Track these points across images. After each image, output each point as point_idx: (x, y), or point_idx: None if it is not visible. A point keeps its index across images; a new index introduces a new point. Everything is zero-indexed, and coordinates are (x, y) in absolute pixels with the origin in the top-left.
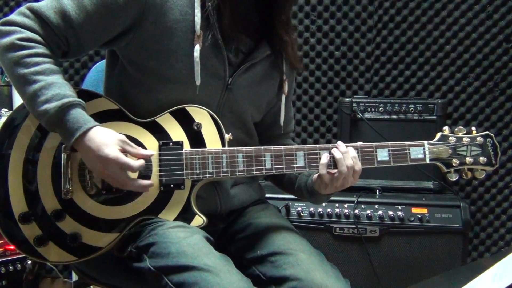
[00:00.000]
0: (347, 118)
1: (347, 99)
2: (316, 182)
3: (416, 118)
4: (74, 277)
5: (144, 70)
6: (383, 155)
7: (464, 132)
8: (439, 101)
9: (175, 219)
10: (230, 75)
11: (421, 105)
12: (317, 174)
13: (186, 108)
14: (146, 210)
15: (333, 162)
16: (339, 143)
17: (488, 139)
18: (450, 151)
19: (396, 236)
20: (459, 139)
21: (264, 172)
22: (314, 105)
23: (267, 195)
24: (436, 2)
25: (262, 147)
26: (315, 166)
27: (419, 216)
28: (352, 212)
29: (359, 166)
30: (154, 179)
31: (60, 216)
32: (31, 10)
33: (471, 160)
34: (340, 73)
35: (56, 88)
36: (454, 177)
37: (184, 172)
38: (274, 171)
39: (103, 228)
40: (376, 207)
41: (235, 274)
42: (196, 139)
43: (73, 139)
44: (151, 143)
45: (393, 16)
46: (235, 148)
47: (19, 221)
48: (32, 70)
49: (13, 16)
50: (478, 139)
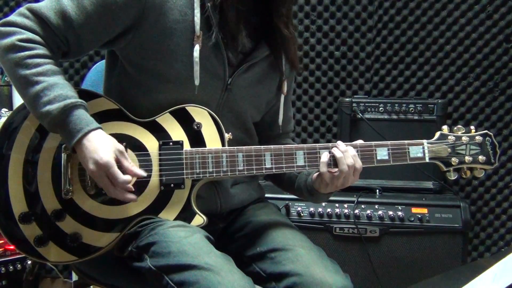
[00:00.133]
0: (347, 118)
1: (347, 99)
2: (316, 181)
3: (416, 118)
4: (74, 277)
5: (144, 70)
6: (382, 154)
7: (463, 131)
8: (439, 101)
9: (175, 219)
10: (229, 75)
11: (421, 105)
12: (317, 173)
13: (186, 107)
14: (146, 210)
15: (333, 161)
16: (339, 142)
17: (487, 138)
18: (449, 150)
19: (396, 236)
20: (458, 138)
21: (264, 171)
22: (314, 105)
23: (267, 195)
24: (436, 2)
25: (262, 146)
26: (315, 165)
27: (419, 216)
28: (352, 212)
29: (359, 164)
30: (154, 179)
31: (60, 216)
32: (31, 10)
33: (470, 159)
34: (340, 73)
35: (59, 89)
36: (454, 176)
37: (184, 171)
38: (274, 170)
39: (103, 228)
40: (376, 207)
41: (236, 273)
42: (196, 138)
43: (75, 140)
44: (151, 143)
45: (393, 16)
46: (235, 147)
47: (19, 221)
48: (34, 71)
49: (13, 17)
50: (477, 138)
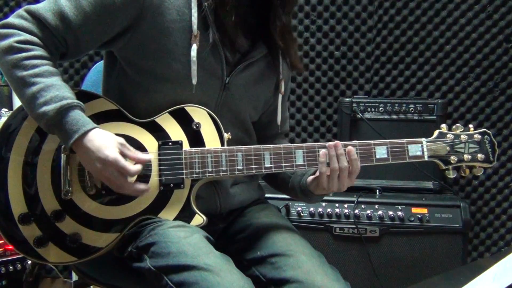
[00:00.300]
0: (347, 118)
1: (347, 99)
2: (312, 184)
3: (416, 118)
4: (74, 277)
5: (142, 70)
6: (381, 152)
7: (462, 130)
8: (439, 101)
9: (175, 219)
10: (227, 74)
11: (421, 105)
12: (312, 177)
13: (185, 107)
14: (146, 210)
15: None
16: (337, 142)
17: (486, 136)
18: (448, 148)
19: (396, 236)
20: (457, 137)
21: (263, 170)
22: (314, 105)
23: (267, 195)
24: (436, 2)
25: (261, 146)
26: (314, 164)
27: (419, 216)
28: (352, 212)
29: (357, 166)
30: (154, 179)
31: (59, 216)
32: (29, 12)
33: (469, 157)
34: (340, 73)
35: (55, 90)
36: (453, 174)
37: (184, 171)
38: (273, 170)
39: (103, 228)
40: (376, 207)
41: (235, 273)
42: (195, 138)
43: (71, 140)
44: (150, 143)
45: (393, 16)
46: (234, 147)
47: (19, 222)
48: (31, 72)
49: (11, 19)
50: (475, 136)
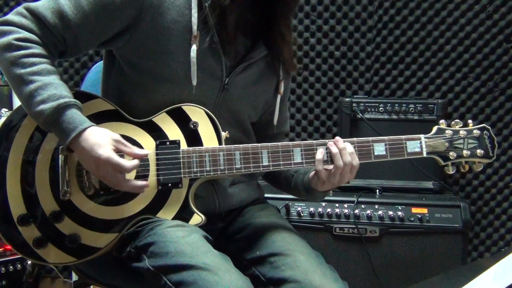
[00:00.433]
0: (347, 118)
1: (347, 99)
2: (313, 179)
3: (416, 118)
4: (74, 277)
5: (141, 70)
6: (379, 149)
7: (461, 125)
8: (439, 101)
9: (174, 218)
10: (227, 75)
11: (421, 105)
12: (313, 172)
13: (182, 107)
14: (144, 210)
15: (329, 158)
16: (337, 138)
17: (485, 132)
18: (446, 144)
19: (396, 236)
20: (456, 132)
21: (261, 169)
22: (314, 105)
23: (267, 195)
24: (436, 2)
25: (259, 144)
26: (312, 162)
27: (419, 216)
28: (352, 212)
29: (356, 161)
30: (152, 178)
31: (58, 217)
32: (28, 10)
33: (468, 152)
34: (340, 73)
35: (52, 88)
36: (452, 170)
37: (182, 170)
38: (271, 168)
39: (102, 228)
40: (376, 207)
41: (234, 272)
42: (193, 137)
43: (68, 139)
44: (148, 143)
45: (393, 16)
46: (232, 145)
47: (18, 223)
48: (29, 70)
49: (10, 16)
50: (474, 131)
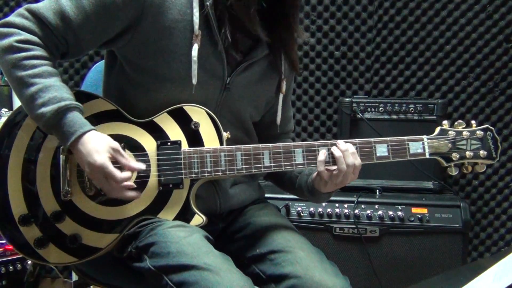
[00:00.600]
0: (347, 118)
1: (347, 99)
2: (315, 180)
3: (416, 118)
4: (74, 277)
5: (142, 70)
6: (382, 150)
7: (464, 126)
8: (439, 101)
9: (175, 219)
10: (228, 75)
11: (421, 105)
12: (316, 172)
13: (184, 107)
14: (145, 210)
15: (331, 159)
16: (339, 141)
17: (488, 133)
18: (449, 145)
19: (396, 236)
20: (459, 133)
21: (262, 170)
22: (314, 105)
23: (267, 195)
24: (436, 2)
25: (261, 145)
26: (313, 163)
27: (419, 216)
28: (352, 212)
29: (358, 161)
30: (153, 179)
31: (59, 217)
32: (29, 11)
33: (471, 154)
34: (340, 73)
35: (53, 91)
36: (455, 171)
37: (183, 171)
38: (273, 169)
39: (103, 228)
40: (376, 207)
41: (235, 273)
42: (194, 138)
43: (68, 142)
44: (149, 143)
45: (393, 16)
46: (233, 146)
47: (19, 223)
48: (30, 72)
49: (11, 18)
50: (478, 132)
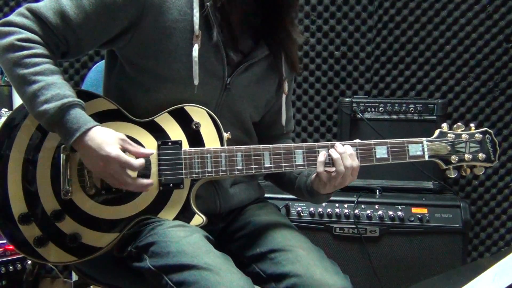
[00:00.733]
0: (347, 118)
1: (347, 99)
2: (314, 181)
3: (416, 118)
4: (74, 277)
5: (143, 70)
6: (381, 152)
7: (463, 129)
8: (439, 101)
9: (175, 219)
10: (229, 75)
11: (421, 105)
12: (315, 174)
13: (185, 107)
14: (145, 210)
15: (331, 161)
16: (337, 144)
17: (487, 136)
18: (449, 148)
19: (396, 236)
20: (458, 136)
21: (263, 170)
22: (314, 105)
23: (267, 195)
24: (436, 2)
25: (261, 145)
26: (314, 164)
27: (419, 216)
28: (352, 212)
29: (356, 163)
30: (153, 179)
31: (59, 216)
32: (30, 10)
33: (470, 156)
34: (340, 73)
35: (56, 88)
36: (453, 174)
37: (183, 171)
38: (273, 170)
39: (103, 228)
40: (376, 207)
41: (235, 272)
42: (195, 138)
43: (73, 139)
44: (150, 143)
45: (393, 16)
46: (234, 147)
47: (19, 222)
48: (32, 70)
49: (12, 17)
50: (476, 135)
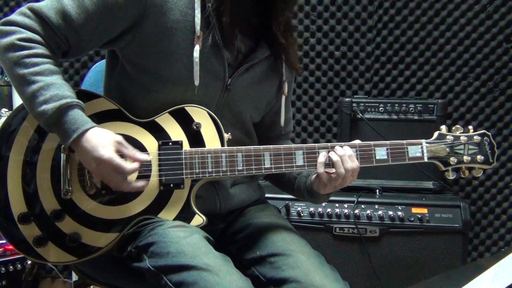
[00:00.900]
0: (347, 118)
1: (347, 99)
2: (315, 182)
3: (416, 118)
4: (74, 277)
5: (144, 70)
6: (381, 153)
7: (462, 131)
8: (439, 101)
9: (175, 219)
10: (229, 76)
11: (421, 105)
12: (315, 175)
13: (185, 108)
14: (145, 210)
15: (331, 162)
16: (337, 147)
17: (485, 138)
18: (447, 149)
19: (396, 236)
20: (457, 138)
21: (263, 171)
22: (314, 105)
23: (267, 195)
24: (436, 2)
25: (261, 146)
26: (314, 165)
27: (419, 216)
28: (352, 212)
29: (356, 164)
30: (154, 179)
31: (59, 216)
32: (31, 10)
33: (469, 158)
34: (340, 73)
35: (55, 89)
36: (452, 175)
37: (184, 171)
38: (273, 170)
39: (103, 228)
40: (376, 207)
41: (234, 273)
42: (196, 138)
43: (70, 140)
44: (150, 143)
45: (393, 16)
46: (234, 147)
47: (19, 221)
48: (31, 70)
49: (13, 16)
50: (475, 137)
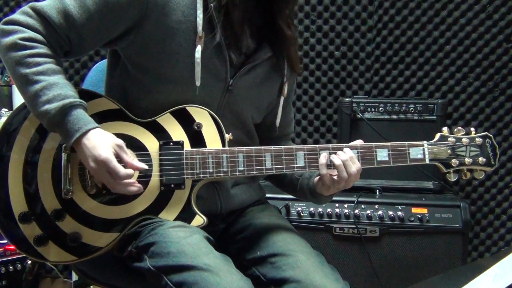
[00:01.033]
0: (347, 118)
1: (347, 99)
2: (317, 185)
3: (416, 118)
4: (74, 277)
5: (145, 70)
6: (382, 155)
7: (463, 133)
8: (439, 101)
9: (175, 219)
10: (231, 76)
11: (421, 105)
12: (318, 177)
13: (187, 108)
14: (146, 210)
15: (333, 166)
16: (339, 152)
17: (487, 140)
18: (449, 151)
19: (396, 236)
20: (458, 140)
21: (264, 172)
22: (314, 105)
23: (267, 195)
24: (436, 2)
25: (262, 147)
26: (315, 166)
27: (419, 216)
28: (352, 212)
29: (358, 165)
30: (154, 179)
31: (60, 215)
32: (33, 9)
33: (470, 160)
34: (340, 73)
35: (58, 88)
36: (453, 177)
37: (185, 172)
38: (274, 171)
39: (103, 228)
40: (376, 207)
41: (235, 273)
42: (197, 139)
43: (73, 139)
44: (151, 143)
45: (393, 16)
46: (235, 148)
47: (19, 220)
48: (34, 70)
49: (15, 15)
50: (477, 139)
